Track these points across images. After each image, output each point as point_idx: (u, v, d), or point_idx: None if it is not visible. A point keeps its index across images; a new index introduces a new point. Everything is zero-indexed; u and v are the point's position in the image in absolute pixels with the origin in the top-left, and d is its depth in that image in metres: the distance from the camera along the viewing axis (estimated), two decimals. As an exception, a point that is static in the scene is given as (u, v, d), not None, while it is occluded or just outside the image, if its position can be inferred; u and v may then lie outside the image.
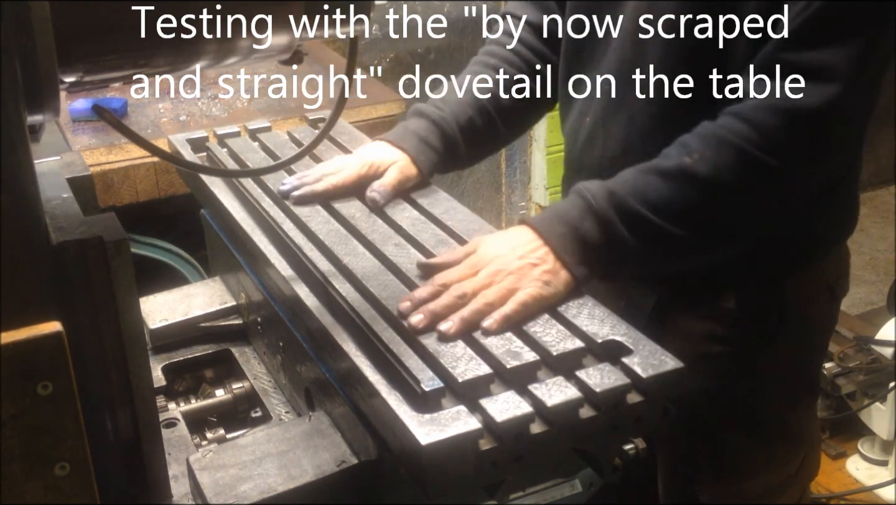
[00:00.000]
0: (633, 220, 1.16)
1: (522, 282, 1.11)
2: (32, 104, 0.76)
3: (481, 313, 1.07)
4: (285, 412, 1.37)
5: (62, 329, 0.76)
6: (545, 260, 1.14)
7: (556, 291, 1.12)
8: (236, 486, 1.06)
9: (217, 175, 1.52)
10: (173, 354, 1.49)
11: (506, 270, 1.12)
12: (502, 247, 1.16)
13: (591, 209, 1.17)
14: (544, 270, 1.13)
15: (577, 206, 1.18)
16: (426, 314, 1.06)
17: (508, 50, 1.54)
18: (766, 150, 1.16)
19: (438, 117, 1.45)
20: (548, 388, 0.97)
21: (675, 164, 1.19)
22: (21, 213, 0.76)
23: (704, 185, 1.17)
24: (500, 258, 1.14)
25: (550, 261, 1.14)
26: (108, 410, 0.98)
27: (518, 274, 1.12)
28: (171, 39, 0.86)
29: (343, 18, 0.98)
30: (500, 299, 1.09)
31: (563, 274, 1.14)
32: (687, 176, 1.17)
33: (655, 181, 1.18)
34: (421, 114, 1.47)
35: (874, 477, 2.67)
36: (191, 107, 2.43)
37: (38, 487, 0.78)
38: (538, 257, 1.14)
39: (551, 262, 1.14)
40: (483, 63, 1.54)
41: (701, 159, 1.17)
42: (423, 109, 1.47)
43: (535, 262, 1.14)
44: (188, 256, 2.25)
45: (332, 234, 1.28)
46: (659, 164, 1.20)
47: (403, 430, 0.92)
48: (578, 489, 1.30)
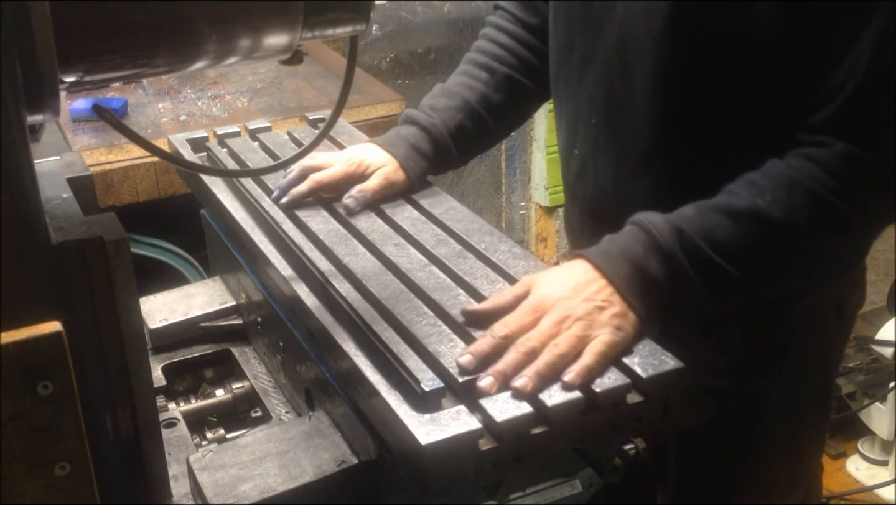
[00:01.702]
0: (701, 261, 1.10)
1: (593, 328, 1.02)
2: (32, 104, 0.76)
3: (556, 367, 0.98)
4: (285, 412, 1.37)
5: (62, 329, 0.76)
6: (612, 302, 1.06)
7: (627, 336, 1.04)
8: (236, 486, 1.06)
9: (217, 175, 1.52)
10: (173, 354, 1.49)
11: (573, 316, 1.03)
12: (562, 287, 1.07)
13: (657, 247, 1.10)
14: (613, 313, 1.05)
15: (641, 242, 1.11)
16: (497, 377, 0.97)
17: (499, 45, 1.53)
18: (841, 197, 1.11)
19: (429, 124, 1.45)
20: (548, 388, 0.97)
21: (746, 204, 1.12)
22: (21, 213, 0.76)
23: (777, 229, 1.11)
24: (563, 302, 1.05)
25: (617, 302, 1.06)
26: (108, 410, 0.98)
27: (587, 320, 1.03)
28: (171, 39, 0.86)
29: (343, 18, 0.98)
30: (572, 350, 1.00)
31: (631, 316, 1.06)
32: (759, 218, 1.11)
33: (724, 221, 1.12)
34: (412, 121, 1.47)
35: (874, 477, 2.67)
36: (191, 107, 2.43)
37: (38, 487, 0.78)
38: (604, 299, 1.06)
39: (618, 303, 1.06)
40: (474, 62, 1.54)
41: (774, 202, 1.11)
42: (414, 116, 1.47)
43: (601, 304, 1.05)
44: (188, 256, 2.25)
45: (332, 234, 1.28)
46: (729, 203, 1.13)
47: (403, 430, 0.93)
48: (578, 489, 1.30)
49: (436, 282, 1.16)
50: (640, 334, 1.06)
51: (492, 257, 1.21)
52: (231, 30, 0.89)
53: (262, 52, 0.93)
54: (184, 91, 2.54)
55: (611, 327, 1.03)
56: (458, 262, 1.20)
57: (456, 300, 1.12)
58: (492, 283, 1.15)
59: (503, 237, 1.26)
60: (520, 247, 1.25)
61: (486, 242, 1.24)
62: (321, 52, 2.83)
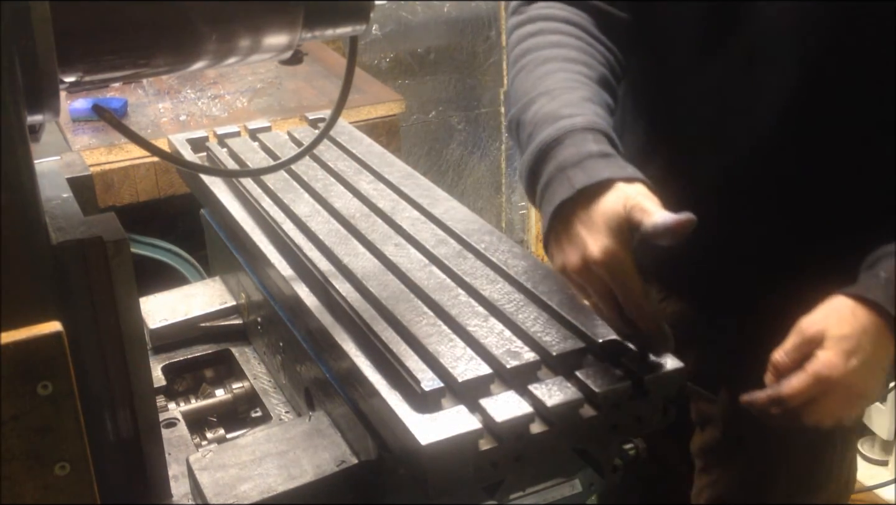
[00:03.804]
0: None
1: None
2: (32, 104, 0.76)
3: None
4: (285, 412, 1.37)
5: (62, 329, 0.76)
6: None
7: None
8: (236, 486, 1.06)
9: (217, 175, 1.52)
10: (173, 354, 1.49)
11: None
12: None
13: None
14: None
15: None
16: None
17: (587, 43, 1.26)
18: None
19: (602, 126, 1.14)
20: (548, 388, 0.97)
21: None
22: (21, 213, 0.76)
23: None
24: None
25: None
26: (108, 410, 0.98)
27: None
28: (171, 39, 0.86)
29: (343, 18, 0.98)
30: None
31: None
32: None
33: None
34: (591, 129, 1.12)
35: (874, 477, 2.67)
36: (191, 107, 2.43)
37: (38, 487, 0.78)
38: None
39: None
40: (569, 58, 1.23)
41: None
42: (588, 124, 1.12)
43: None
44: (188, 256, 2.25)
45: (332, 234, 1.28)
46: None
47: (403, 430, 0.93)
48: (578, 489, 1.30)
49: (436, 282, 1.16)
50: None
51: (492, 257, 1.21)
52: (231, 30, 0.89)
53: (262, 52, 0.93)
54: (184, 91, 2.54)
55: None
56: (458, 262, 1.20)
57: (456, 300, 1.12)
58: (492, 283, 1.15)
59: (503, 237, 1.26)
60: (520, 247, 1.25)
61: (486, 242, 1.24)
62: (321, 52, 2.83)
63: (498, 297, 1.13)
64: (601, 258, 1.00)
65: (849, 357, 1.07)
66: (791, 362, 1.09)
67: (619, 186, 1.03)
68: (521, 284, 1.15)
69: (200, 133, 1.61)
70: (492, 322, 1.07)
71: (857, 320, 1.08)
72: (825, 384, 1.07)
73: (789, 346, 1.10)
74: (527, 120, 1.14)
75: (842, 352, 1.07)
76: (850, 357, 1.07)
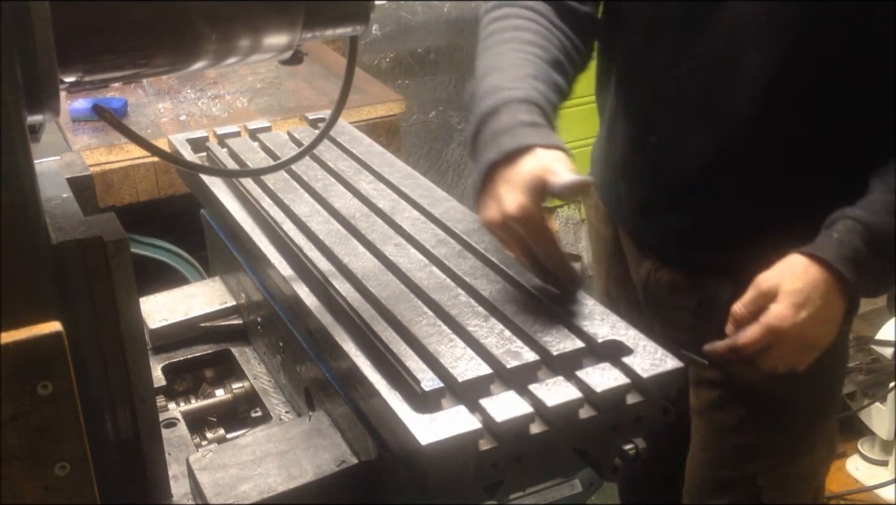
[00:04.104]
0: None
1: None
2: (32, 104, 0.76)
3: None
4: (285, 412, 1.37)
5: (62, 329, 0.76)
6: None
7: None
8: (236, 486, 1.06)
9: (217, 175, 1.52)
10: (173, 354, 1.49)
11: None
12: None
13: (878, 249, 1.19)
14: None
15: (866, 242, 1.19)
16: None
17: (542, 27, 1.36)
18: None
19: (537, 99, 1.24)
20: (548, 388, 0.97)
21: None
22: (21, 213, 0.76)
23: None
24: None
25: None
26: (108, 410, 0.98)
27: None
28: (171, 39, 0.86)
29: (343, 18, 0.98)
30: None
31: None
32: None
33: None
34: (526, 101, 1.22)
35: (874, 477, 2.67)
36: (191, 107, 2.43)
37: (38, 487, 0.78)
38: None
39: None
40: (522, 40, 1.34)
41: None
42: (524, 97, 1.22)
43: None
44: (188, 256, 2.25)
45: (332, 234, 1.28)
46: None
47: (403, 430, 0.92)
48: (578, 489, 1.30)
49: (436, 282, 1.16)
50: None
51: (492, 257, 1.21)
52: (231, 30, 0.89)
53: (262, 52, 0.93)
54: (184, 91, 2.54)
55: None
56: (459, 262, 1.20)
57: (456, 300, 1.12)
58: (492, 283, 1.16)
59: (503, 237, 1.26)
60: (520, 247, 1.25)
61: (486, 242, 1.24)
62: (321, 52, 2.83)
63: (498, 297, 1.13)
64: (516, 213, 1.10)
65: (798, 310, 1.17)
66: (748, 314, 1.21)
67: (539, 152, 1.14)
68: (521, 284, 1.15)
69: (200, 133, 1.61)
70: (492, 322, 1.07)
71: (808, 276, 1.19)
72: (776, 334, 1.18)
73: (747, 299, 1.22)
74: (478, 92, 1.26)
75: (792, 305, 1.18)
76: (799, 310, 1.17)
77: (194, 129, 2.04)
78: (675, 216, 1.44)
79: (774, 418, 1.50)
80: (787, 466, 1.53)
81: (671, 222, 1.47)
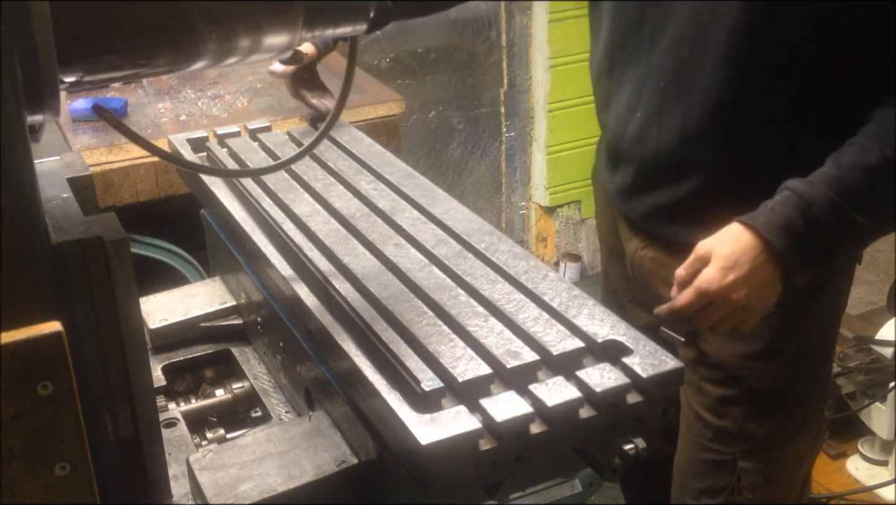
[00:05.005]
0: (844, 222, 1.22)
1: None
2: (32, 104, 0.76)
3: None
4: (285, 412, 1.37)
5: (62, 329, 0.76)
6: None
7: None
8: (236, 486, 1.06)
9: (217, 175, 1.52)
10: (173, 354, 1.49)
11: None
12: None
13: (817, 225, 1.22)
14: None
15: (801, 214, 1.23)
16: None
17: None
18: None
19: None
20: (548, 388, 0.97)
21: (878, 158, 1.22)
22: (21, 213, 0.76)
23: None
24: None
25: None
26: (108, 410, 0.98)
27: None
28: (171, 39, 0.86)
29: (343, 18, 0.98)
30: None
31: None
32: (892, 169, 1.22)
33: (862, 177, 1.22)
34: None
35: (874, 477, 2.66)
36: (191, 107, 2.43)
37: (38, 487, 0.78)
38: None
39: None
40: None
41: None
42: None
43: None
44: (188, 256, 2.25)
45: (332, 234, 1.28)
46: (863, 159, 1.23)
47: (403, 430, 0.92)
48: (578, 489, 1.30)
49: (436, 282, 1.16)
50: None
51: (492, 257, 1.21)
52: (231, 30, 0.89)
53: (262, 52, 0.93)
54: (184, 91, 2.54)
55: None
56: (458, 262, 1.20)
57: (456, 300, 1.12)
58: (492, 283, 1.15)
59: (503, 237, 1.26)
60: (520, 247, 1.26)
61: (486, 242, 1.24)
62: (321, 52, 2.82)
63: (498, 297, 1.13)
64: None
65: (726, 273, 1.23)
66: (688, 276, 1.27)
67: None
68: (521, 284, 1.15)
69: (200, 133, 1.61)
70: (492, 322, 1.07)
71: (740, 242, 1.24)
72: (707, 296, 1.24)
73: (687, 263, 1.28)
74: None
75: (721, 268, 1.23)
76: (727, 273, 1.23)
77: (194, 129, 2.04)
78: (659, 193, 1.49)
79: (750, 402, 1.52)
80: (766, 452, 1.55)
81: (656, 199, 1.51)
